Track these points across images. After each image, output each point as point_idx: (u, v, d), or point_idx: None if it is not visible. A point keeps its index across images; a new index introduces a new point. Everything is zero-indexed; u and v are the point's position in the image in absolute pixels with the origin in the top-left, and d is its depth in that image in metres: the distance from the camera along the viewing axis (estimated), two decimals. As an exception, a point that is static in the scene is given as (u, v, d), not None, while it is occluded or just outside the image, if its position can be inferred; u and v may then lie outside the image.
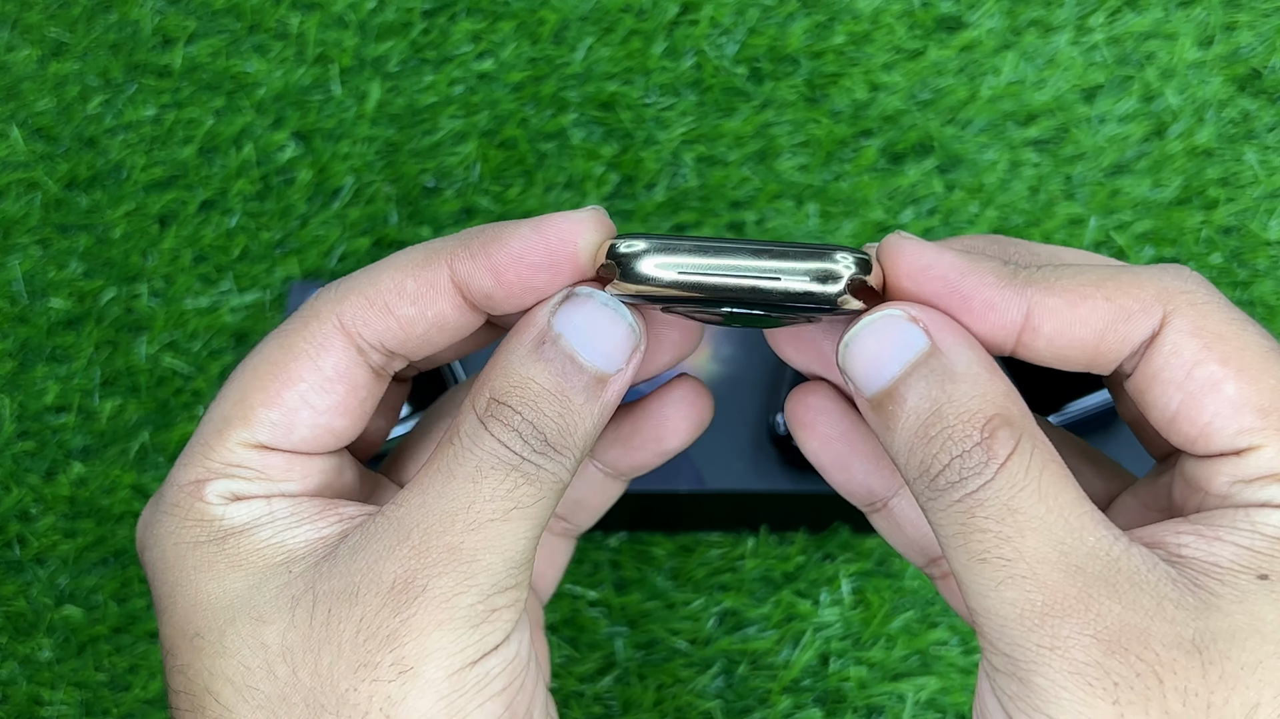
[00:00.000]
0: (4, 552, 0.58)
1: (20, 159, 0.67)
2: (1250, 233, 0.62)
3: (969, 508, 0.25)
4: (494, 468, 0.27)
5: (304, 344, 0.29)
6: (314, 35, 0.69)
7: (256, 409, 0.29)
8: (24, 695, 0.55)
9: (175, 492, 0.29)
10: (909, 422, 0.26)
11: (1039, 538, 0.25)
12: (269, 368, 0.29)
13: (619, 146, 0.66)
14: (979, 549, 0.25)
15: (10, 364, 0.62)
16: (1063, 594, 0.24)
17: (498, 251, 0.28)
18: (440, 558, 0.27)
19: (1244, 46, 0.67)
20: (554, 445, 0.27)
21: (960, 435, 0.25)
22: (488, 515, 0.27)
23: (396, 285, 0.29)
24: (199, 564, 0.28)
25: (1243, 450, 0.26)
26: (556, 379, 0.28)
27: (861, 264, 0.27)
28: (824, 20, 0.69)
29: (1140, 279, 0.27)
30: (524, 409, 0.27)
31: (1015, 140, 0.65)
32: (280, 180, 0.66)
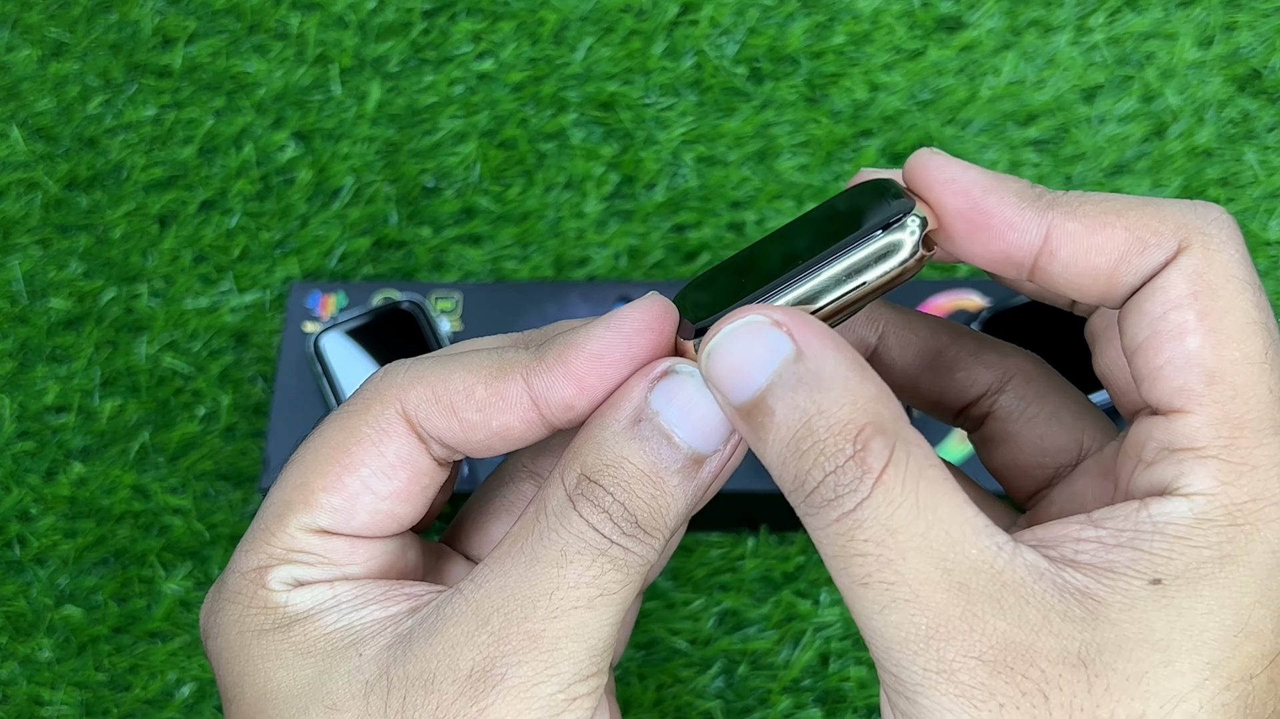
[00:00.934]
0: (4, 552, 0.58)
1: (20, 159, 0.67)
2: (1250, 233, 0.62)
3: (848, 529, 0.24)
4: (580, 552, 0.26)
5: (366, 429, 0.28)
6: (314, 35, 0.69)
7: (318, 494, 0.28)
8: (24, 695, 0.55)
9: (237, 579, 0.29)
10: (779, 434, 0.25)
11: (921, 558, 0.24)
12: (330, 451, 0.28)
13: (619, 146, 0.66)
14: (860, 573, 0.24)
15: (10, 364, 0.62)
16: (946, 616, 0.24)
17: (574, 358, 0.28)
18: (520, 645, 0.26)
19: (1244, 46, 0.67)
20: (644, 528, 0.26)
21: (832, 450, 0.24)
22: (572, 603, 0.26)
23: (466, 389, 0.28)
24: (265, 652, 0.27)
25: (1174, 412, 0.25)
26: (651, 460, 0.27)
27: (921, 223, 0.26)
28: (824, 20, 0.69)
29: (1164, 211, 0.26)
30: (616, 490, 0.26)
31: (1015, 140, 0.65)
32: (280, 180, 0.66)
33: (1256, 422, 0.25)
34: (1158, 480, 0.25)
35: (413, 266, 0.63)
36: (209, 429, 0.60)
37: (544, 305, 0.60)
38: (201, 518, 0.58)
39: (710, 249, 0.63)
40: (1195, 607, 0.24)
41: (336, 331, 0.58)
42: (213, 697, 0.55)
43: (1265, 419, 0.25)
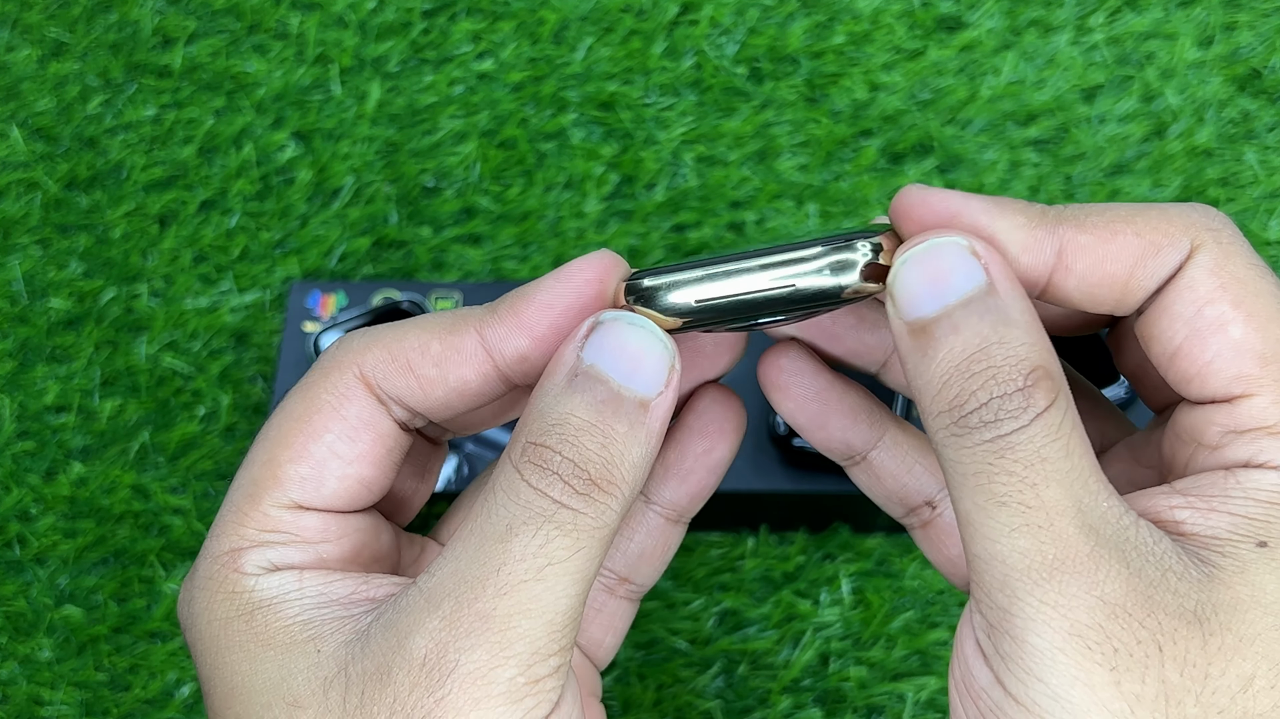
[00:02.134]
0: (4, 552, 0.58)
1: (20, 159, 0.67)
2: (1250, 233, 0.62)
3: (999, 449, 0.25)
4: (525, 522, 0.26)
5: (326, 395, 0.28)
6: (314, 35, 0.69)
7: (285, 466, 0.28)
8: (24, 695, 0.55)
9: (209, 564, 0.28)
10: (952, 354, 0.25)
11: (1062, 491, 0.25)
12: (293, 424, 0.28)
13: (619, 146, 0.66)
14: (1001, 491, 0.25)
15: (10, 364, 0.62)
16: (1075, 551, 0.24)
17: (525, 308, 0.28)
18: (473, 627, 0.25)
19: (1244, 46, 0.67)
20: (598, 483, 0.26)
21: (1004, 378, 0.25)
22: (520, 576, 0.25)
23: (421, 345, 0.28)
24: (231, 643, 0.27)
25: (1236, 397, 0.26)
26: (594, 408, 0.26)
27: (875, 248, 0.26)
28: (824, 20, 0.69)
29: (1169, 214, 0.26)
30: (564, 447, 0.26)
31: (1015, 140, 0.65)
32: (280, 180, 0.66)
33: None
34: (1231, 460, 0.26)
35: (413, 266, 0.63)
36: (209, 429, 0.60)
37: (544, 305, 0.60)
38: (201, 518, 0.58)
39: (710, 249, 0.63)
40: None
41: (336, 331, 0.58)
42: (213, 697, 0.55)
43: None
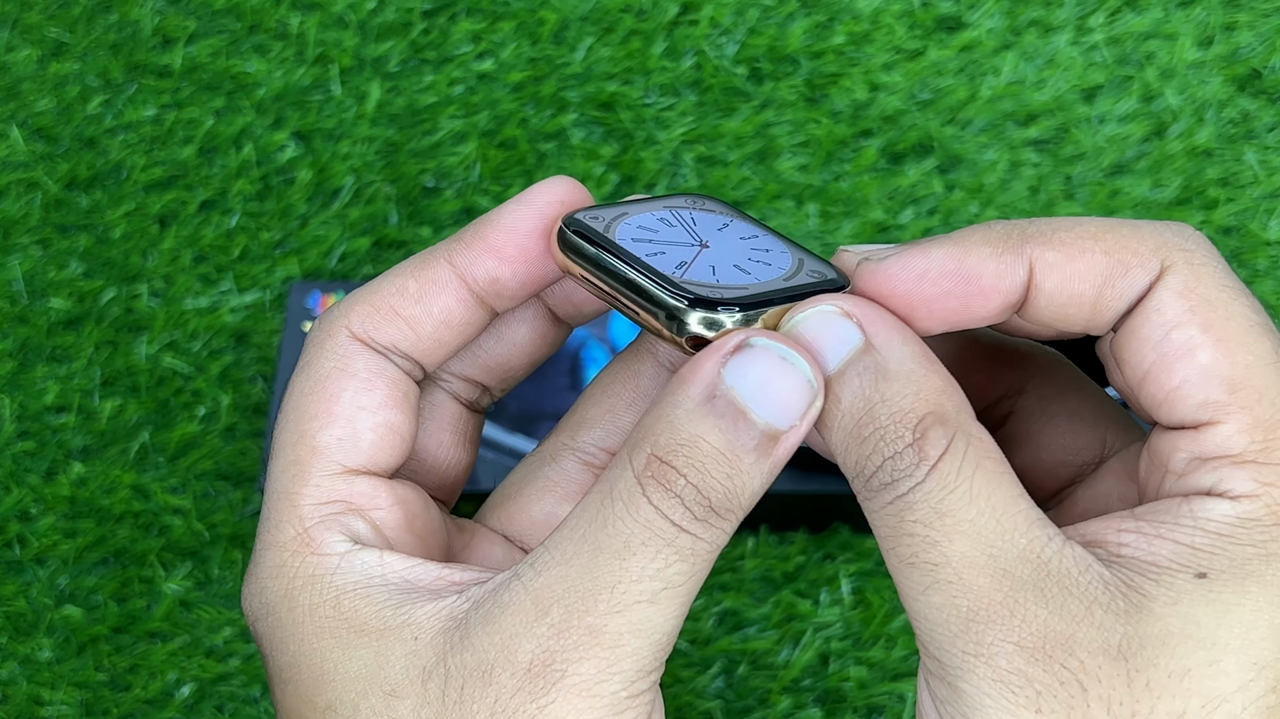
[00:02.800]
0: (4, 552, 0.58)
1: (20, 159, 0.67)
2: (1250, 233, 0.62)
3: (899, 510, 0.25)
4: (645, 543, 0.25)
5: (329, 362, 0.29)
6: (314, 35, 0.69)
7: (317, 435, 0.28)
8: (24, 695, 0.55)
9: (277, 553, 0.28)
10: (844, 420, 0.26)
11: (967, 542, 0.24)
12: (307, 398, 0.28)
13: (619, 146, 0.66)
14: (908, 553, 0.25)
15: (10, 364, 0.62)
16: (988, 600, 0.24)
17: (490, 232, 0.28)
18: (581, 640, 0.25)
19: (1244, 46, 0.67)
20: (718, 511, 0.25)
21: (892, 436, 0.25)
22: (635, 597, 0.25)
23: (399, 288, 0.29)
24: (319, 630, 0.27)
25: (1203, 424, 0.25)
26: (728, 437, 0.26)
27: (710, 324, 0.27)
28: (824, 20, 0.69)
29: (1140, 232, 0.26)
30: (690, 471, 0.25)
31: (1015, 140, 0.65)
32: (280, 180, 0.66)
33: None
34: (1193, 488, 0.25)
35: (413, 266, 0.63)
36: (209, 429, 0.60)
37: (544, 305, 0.60)
38: (201, 518, 0.58)
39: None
40: (1243, 603, 0.24)
41: (336, 331, 0.58)
42: (212, 697, 0.55)
43: None
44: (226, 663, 0.55)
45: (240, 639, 0.56)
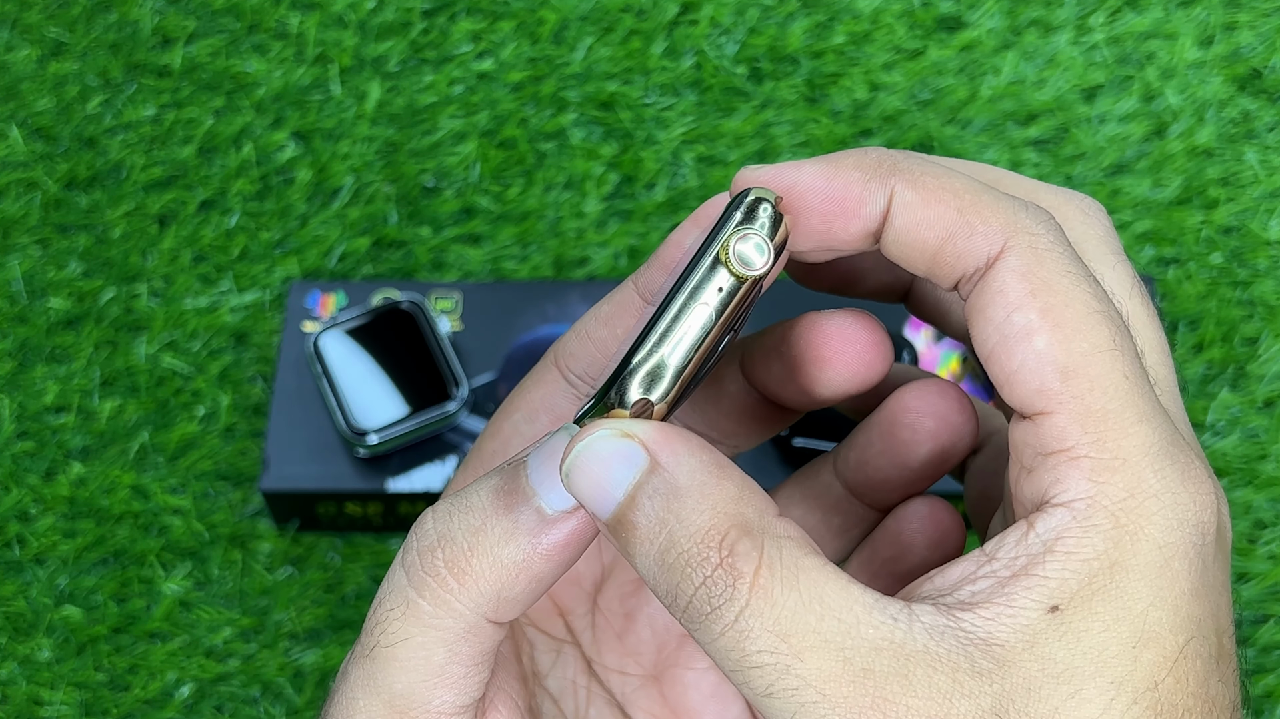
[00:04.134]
0: (4, 552, 0.58)
1: (20, 159, 0.67)
2: (1250, 233, 0.62)
3: (736, 641, 0.23)
4: (389, 589, 0.26)
5: (527, 382, 0.29)
6: (314, 35, 0.69)
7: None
8: (24, 695, 0.55)
9: None
10: (646, 549, 0.24)
11: (819, 656, 0.23)
12: (490, 427, 0.30)
13: (619, 146, 0.66)
14: (762, 686, 0.23)
15: (10, 364, 0.62)
16: (858, 708, 0.23)
17: (665, 250, 0.28)
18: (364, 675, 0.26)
19: (1244, 46, 0.67)
20: (449, 566, 0.25)
21: (698, 559, 0.23)
22: (380, 643, 0.26)
23: (595, 313, 0.29)
24: None
25: (1038, 414, 0.25)
26: (490, 493, 0.26)
27: (774, 217, 0.25)
28: (824, 20, 0.69)
29: (998, 204, 0.25)
30: (438, 519, 0.26)
31: (1015, 140, 0.65)
32: (280, 180, 0.66)
33: (1119, 411, 0.24)
34: (1038, 489, 0.25)
35: (412, 266, 0.63)
36: (209, 429, 0.60)
37: (544, 305, 0.60)
38: (201, 518, 0.58)
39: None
40: (1092, 626, 0.23)
41: (336, 331, 0.58)
42: (212, 697, 0.55)
43: (1127, 407, 0.24)
44: (226, 663, 0.55)
45: (239, 639, 0.56)
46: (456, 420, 0.57)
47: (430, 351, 0.58)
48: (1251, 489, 0.57)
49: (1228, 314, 0.60)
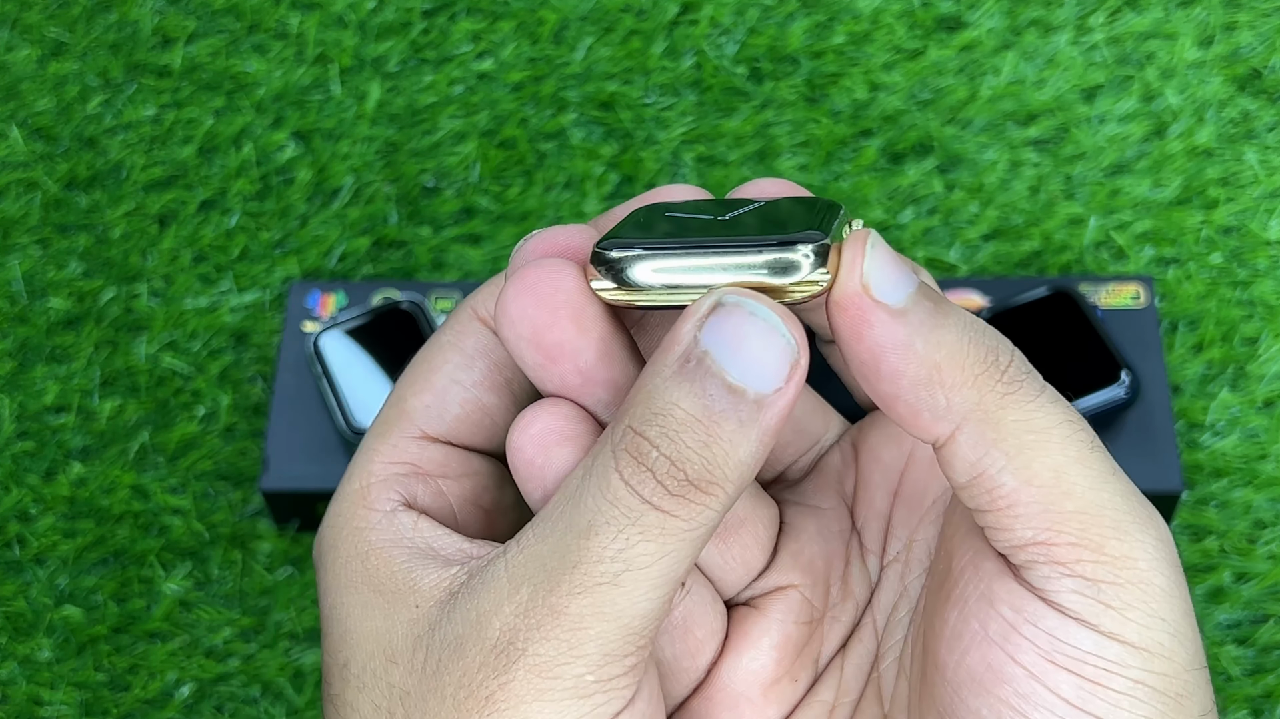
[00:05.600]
0: (4, 552, 0.58)
1: (20, 159, 0.67)
2: (1250, 233, 0.62)
3: (1054, 400, 0.25)
4: (608, 522, 0.24)
5: (447, 335, 0.29)
6: (314, 35, 0.69)
7: (409, 400, 0.29)
8: (24, 695, 0.55)
9: (340, 503, 0.28)
10: (960, 319, 0.25)
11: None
12: (416, 366, 0.29)
13: (619, 146, 0.66)
14: (1086, 440, 0.25)
15: (10, 364, 0.62)
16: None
17: (614, 212, 0.29)
18: (543, 620, 0.24)
19: (1244, 46, 0.67)
20: (696, 483, 0.24)
21: (1001, 335, 0.25)
22: (595, 579, 0.24)
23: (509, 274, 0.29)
24: (349, 583, 0.27)
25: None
26: (702, 403, 0.24)
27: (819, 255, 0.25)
28: (824, 20, 0.69)
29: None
30: (662, 442, 0.24)
31: (1015, 140, 0.65)
32: (280, 180, 0.66)
33: None
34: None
35: (412, 266, 0.63)
36: (209, 429, 0.60)
37: (544, 305, 0.60)
38: (201, 518, 0.58)
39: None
40: None
41: (336, 331, 0.58)
42: (212, 697, 0.55)
43: None
44: (226, 663, 0.55)
45: (239, 639, 0.56)
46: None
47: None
48: (1251, 489, 0.57)
49: (1228, 314, 0.60)
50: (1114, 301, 0.59)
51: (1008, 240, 0.62)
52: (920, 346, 0.24)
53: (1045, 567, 0.24)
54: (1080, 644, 0.24)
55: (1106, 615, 0.24)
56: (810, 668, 0.30)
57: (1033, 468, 0.24)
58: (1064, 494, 0.24)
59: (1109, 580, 0.24)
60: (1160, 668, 0.24)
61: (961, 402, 0.24)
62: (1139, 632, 0.24)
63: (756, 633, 0.29)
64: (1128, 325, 0.58)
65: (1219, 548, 0.55)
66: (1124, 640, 0.24)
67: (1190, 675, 0.24)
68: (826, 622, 0.30)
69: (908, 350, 0.24)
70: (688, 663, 0.29)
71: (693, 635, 0.29)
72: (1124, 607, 0.24)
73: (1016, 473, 0.24)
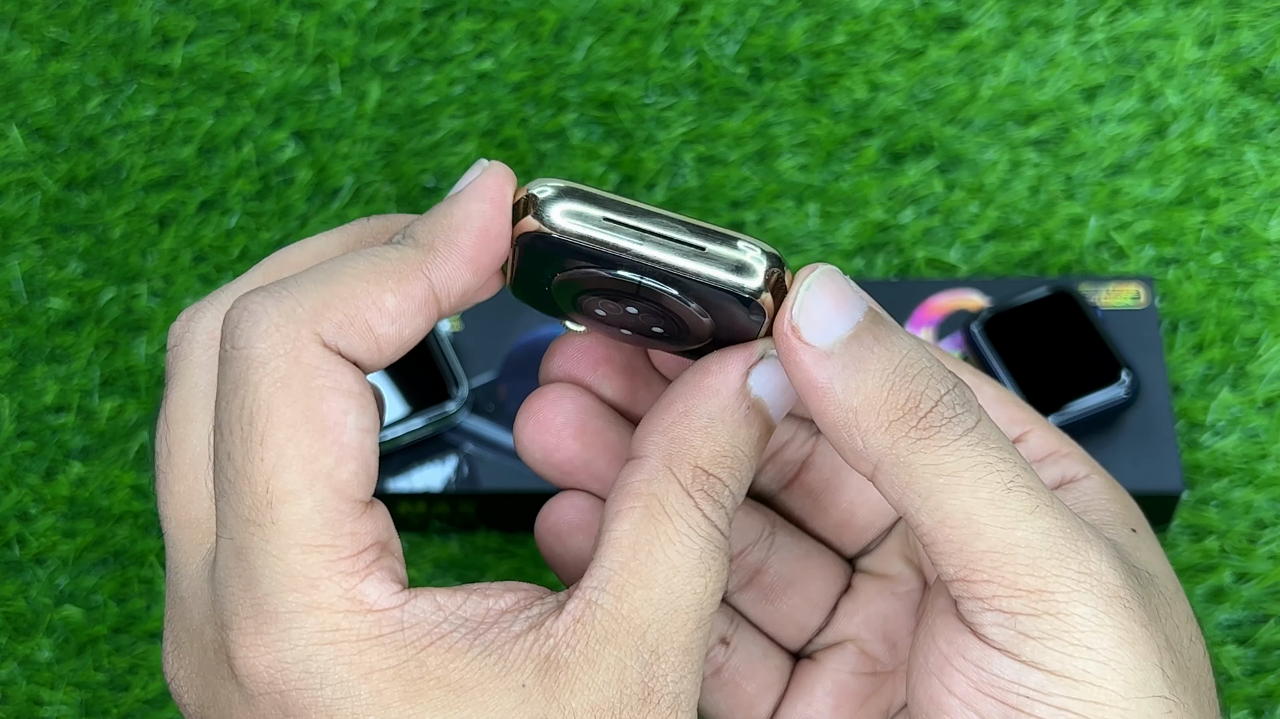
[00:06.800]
0: (4, 552, 0.58)
1: (20, 159, 0.67)
2: (1250, 233, 0.62)
3: (979, 441, 0.25)
4: (713, 556, 0.26)
5: (319, 380, 0.24)
6: (314, 35, 0.69)
7: (334, 474, 0.24)
8: (24, 695, 0.55)
9: (323, 617, 0.23)
10: (885, 362, 0.26)
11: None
12: (303, 430, 0.24)
13: (619, 146, 0.66)
14: (1006, 479, 0.25)
15: (10, 364, 0.62)
16: (1077, 521, 0.25)
17: (466, 241, 0.25)
18: (677, 663, 0.25)
19: (1244, 46, 0.67)
20: (738, 508, 0.28)
21: (939, 376, 0.26)
22: (710, 608, 0.26)
23: (376, 304, 0.25)
24: (408, 694, 0.24)
25: (1020, 437, 0.30)
26: (757, 445, 0.27)
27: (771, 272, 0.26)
28: (824, 20, 0.69)
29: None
30: (732, 481, 0.27)
31: (1015, 140, 0.65)
32: (280, 180, 0.66)
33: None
34: (1051, 479, 0.30)
35: (412, 266, 0.63)
36: (208, 429, 0.60)
37: (544, 305, 0.60)
38: (201, 518, 0.58)
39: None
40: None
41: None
42: (212, 697, 0.55)
43: None
44: (226, 663, 0.55)
45: (240, 639, 0.56)
46: (456, 421, 0.57)
47: (430, 352, 0.58)
48: (1251, 489, 0.57)
49: (1228, 314, 0.60)
50: (1114, 301, 0.59)
51: (1008, 240, 0.62)
52: (839, 391, 0.25)
53: (969, 601, 0.25)
54: (1003, 673, 0.25)
55: (1026, 645, 0.25)
56: (879, 718, 0.31)
57: (944, 510, 0.25)
58: (975, 535, 0.25)
59: (1026, 613, 0.25)
60: (1087, 695, 0.24)
61: (876, 445, 0.25)
62: (1060, 660, 0.25)
63: (810, 682, 0.31)
64: (1128, 325, 0.58)
65: (1219, 548, 0.55)
66: (1045, 669, 0.25)
67: (1131, 704, 0.24)
68: (899, 675, 0.31)
69: (828, 394, 0.26)
70: (741, 716, 0.31)
71: (743, 690, 0.31)
72: (1043, 636, 0.25)
73: (930, 514, 0.25)
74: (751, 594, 0.32)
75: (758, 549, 0.32)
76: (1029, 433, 0.30)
